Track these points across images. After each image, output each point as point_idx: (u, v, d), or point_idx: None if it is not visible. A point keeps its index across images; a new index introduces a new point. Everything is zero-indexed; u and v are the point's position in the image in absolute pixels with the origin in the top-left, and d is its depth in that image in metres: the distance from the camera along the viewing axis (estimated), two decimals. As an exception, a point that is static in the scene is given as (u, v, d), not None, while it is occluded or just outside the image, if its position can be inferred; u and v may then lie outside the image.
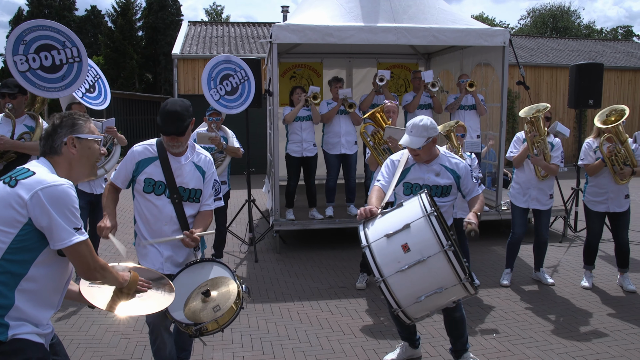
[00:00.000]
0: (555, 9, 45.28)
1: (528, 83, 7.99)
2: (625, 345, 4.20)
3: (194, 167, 3.20)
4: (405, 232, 2.76)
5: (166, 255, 3.16)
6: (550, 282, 5.64)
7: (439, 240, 2.69)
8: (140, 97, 20.56)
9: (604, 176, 5.25)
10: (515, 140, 5.59)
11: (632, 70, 17.99)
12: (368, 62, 10.10)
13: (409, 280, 2.70)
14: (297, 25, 6.84)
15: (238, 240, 7.28)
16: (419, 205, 2.86)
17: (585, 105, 7.51)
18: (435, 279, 2.71)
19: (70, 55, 4.83)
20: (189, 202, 3.18)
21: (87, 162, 2.35)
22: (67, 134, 2.29)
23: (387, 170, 3.65)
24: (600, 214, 5.39)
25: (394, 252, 2.73)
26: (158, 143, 3.16)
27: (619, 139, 5.12)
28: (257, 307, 5.03)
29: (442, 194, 3.62)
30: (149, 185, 3.10)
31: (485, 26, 7.53)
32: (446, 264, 2.69)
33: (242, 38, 18.57)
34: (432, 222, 2.74)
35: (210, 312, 2.76)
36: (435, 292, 2.72)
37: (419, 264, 2.68)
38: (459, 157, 3.76)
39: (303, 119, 7.15)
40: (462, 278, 2.71)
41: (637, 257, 6.60)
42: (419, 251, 2.70)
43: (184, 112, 3.01)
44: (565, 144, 18.20)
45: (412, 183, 3.62)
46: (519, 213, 5.57)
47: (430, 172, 3.61)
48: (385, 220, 2.91)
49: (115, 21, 32.86)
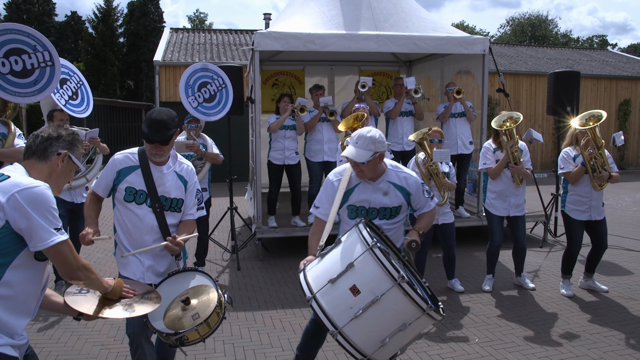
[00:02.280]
0: (534, 18, 46.10)
1: (508, 90, 8.09)
2: (604, 347, 4.26)
3: (176, 177, 3.18)
4: (350, 273, 2.46)
5: (147, 264, 3.12)
6: (531, 286, 5.70)
7: (389, 274, 2.38)
8: (122, 104, 20.37)
9: (585, 184, 5.25)
10: (485, 151, 5.58)
11: (607, 79, 18.37)
12: (350, 70, 10.16)
13: (368, 324, 2.41)
14: (279, 33, 6.85)
15: (220, 248, 7.24)
16: (359, 239, 2.55)
17: (564, 112, 7.64)
18: (396, 316, 2.42)
19: (42, 59, 4.76)
20: (171, 211, 3.15)
21: (61, 181, 2.36)
22: (64, 148, 2.32)
23: (326, 195, 3.25)
24: (582, 223, 5.38)
25: (344, 298, 2.43)
26: (140, 152, 3.13)
27: (596, 144, 5.19)
28: (239, 315, 5.00)
29: (391, 216, 3.22)
30: (130, 194, 3.07)
31: (465, 34, 7.63)
32: (403, 298, 2.38)
33: (224, 45, 18.54)
34: (376, 255, 2.43)
35: (190, 320, 2.73)
36: (399, 330, 2.42)
37: (374, 304, 2.38)
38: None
39: (287, 127, 7.16)
40: (425, 308, 2.40)
41: (612, 261, 6.72)
42: (371, 291, 2.40)
43: (169, 121, 3.00)
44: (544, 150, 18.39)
45: (357, 206, 3.20)
46: (497, 221, 5.61)
47: (377, 191, 3.17)
48: (326, 263, 2.61)
49: (96, 27, 32.52)
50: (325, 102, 7.10)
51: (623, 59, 22.32)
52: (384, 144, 3.08)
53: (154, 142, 2.99)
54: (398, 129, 7.59)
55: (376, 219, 3.17)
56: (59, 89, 5.41)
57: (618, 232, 8.31)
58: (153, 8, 33.54)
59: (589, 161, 5.16)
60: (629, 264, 6.57)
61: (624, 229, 8.61)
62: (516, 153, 5.34)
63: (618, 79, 18.51)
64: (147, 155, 3.10)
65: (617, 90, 18.35)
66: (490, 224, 5.67)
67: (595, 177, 5.20)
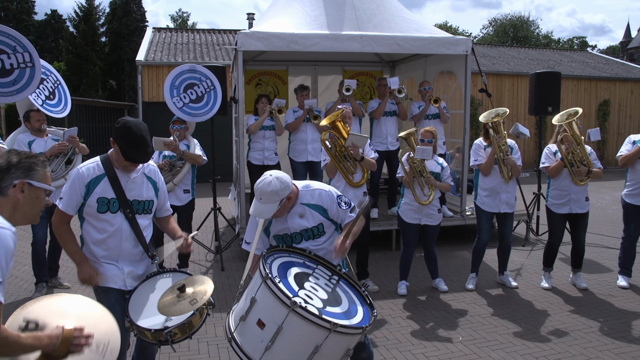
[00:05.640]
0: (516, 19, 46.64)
1: (490, 90, 8.16)
2: (584, 344, 4.33)
3: (145, 178, 3.10)
4: (255, 308, 2.48)
5: (127, 270, 3.04)
6: (513, 285, 5.77)
7: (282, 302, 2.38)
8: (104, 105, 20.12)
9: (565, 177, 5.42)
10: (476, 148, 5.63)
11: (587, 79, 18.67)
12: (333, 70, 10.16)
13: (281, 354, 2.41)
14: (263, 33, 6.84)
15: (204, 249, 7.19)
16: (258, 273, 2.57)
17: (545, 112, 7.74)
18: (303, 341, 2.40)
19: (22, 60, 4.70)
20: (143, 214, 3.08)
21: (31, 210, 2.14)
22: (19, 177, 2.08)
23: (251, 228, 3.24)
24: (563, 217, 5.54)
25: (254, 332, 2.45)
26: (104, 160, 2.99)
27: (575, 140, 5.34)
28: (223, 316, 4.96)
29: (315, 236, 3.11)
30: (103, 204, 2.94)
31: (448, 35, 7.68)
32: (302, 322, 2.37)
33: (207, 45, 18.43)
34: (269, 286, 2.43)
35: (187, 305, 2.65)
36: (314, 353, 2.39)
37: (279, 334, 2.39)
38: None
39: (267, 128, 7.14)
40: (330, 327, 2.36)
41: (591, 258, 6.82)
42: (273, 321, 2.40)
43: (148, 137, 2.93)
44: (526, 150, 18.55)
45: (281, 235, 3.13)
46: (487, 219, 5.67)
47: (292, 217, 3.08)
48: (241, 301, 2.64)
49: (77, 26, 32.13)
50: (310, 105, 7.11)
51: (602, 60, 22.70)
52: (289, 186, 2.94)
53: (139, 162, 2.95)
54: (382, 129, 7.61)
55: (302, 242, 3.10)
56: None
57: (598, 231, 8.44)
58: (135, 7, 33.27)
59: (567, 156, 5.34)
60: (608, 261, 6.67)
61: (603, 227, 8.75)
62: (504, 147, 5.41)
63: (598, 79, 18.83)
64: (113, 163, 2.98)
65: (597, 90, 18.65)
66: (479, 221, 5.72)
67: (574, 172, 5.32)
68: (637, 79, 19.48)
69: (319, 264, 2.91)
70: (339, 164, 5.31)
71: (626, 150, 5.58)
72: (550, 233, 5.71)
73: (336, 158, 5.32)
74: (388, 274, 6.24)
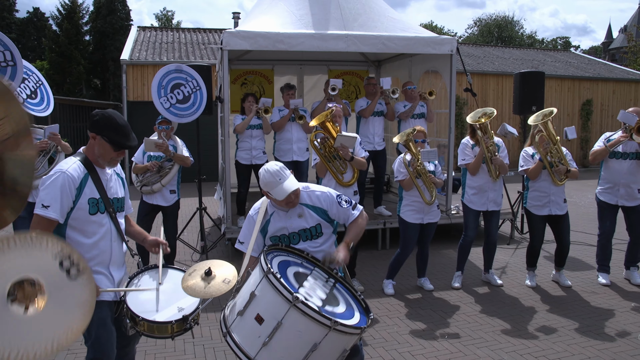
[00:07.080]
0: (500, 19, 47.05)
1: (475, 90, 8.22)
2: (568, 340, 4.38)
3: (116, 176, 3.06)
4: (254, 303, 2.48)
5: (118, 278, 2.98)
6: (499, 283, 5.82)
7: (283, 297, 2.38)
8: (88, 104, 19.90)
9: (544, 179, 5.47)
10: (463, 147, 5.65)
11: (570, 79, 18.89)
12: (319, 69, 10.16)
13: (278, 350, 2.41)
14: (248, 32, 6.81)
15: (189, 249, 7.15)
16: (259, 268, 2.58)
17: (529, 111, 7.80)
18: (302, 337, 2.39)
19: (3, 58, 4.64)
20: (120, 212, 3.04)
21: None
22: None
23: (249, 230, 3.23)
24: (542, 218, 5.59)
25: (251, 327, 2.45)
26: (83, 159, 2.88)
27: (551, 139, 5.40)
28: (209, 316, 4.94)
29: (313, 237, 3.13)
30: (93, 205, 2.83)
31: (433, 34, 7.71)
32: (302, 318, 2.37)
33: (193, 44, 18.32)
34: (271, 281, 2.44)
35: (223, 285, 2.64)
36: (312, 351, 2.39)
37: (278, 330, 2.38)
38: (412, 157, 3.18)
39: (254, 127, 7.11)
40: (330, 325, 2.37)
41: (575, 256, 6.91)
42: (273, 316, 2.40)
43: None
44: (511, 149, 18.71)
45: (279, 235, 3.15)
46: (474, 216, 5.70)
47: (291, 217, 3.12)
48: (238, 296, 2.63)
49: (61, 24, 31.68)
50: (296, 105, 7.09)
51: (585, 60, 22.99)
52: (282, 164, 3.12)
53: (132, 147, 2.92)
54: (369, 129, 7.60)
55: (299, 242, 3.11)
56: None
57: (581, 229, 8.55)
58: (120, 6, 32.94)
59: (546, 156, 5.38)
60: (591, 259, 6.75)
61: (586, 225, 8.86)
62: (491, 147, 5.45)
63: (581, 79, 19.05)
64: (94, 161, 2.89)
65: (580, 90, 18.87)
66: (466, 219, 5.75)
67: (554, 171, 5.38)
68: (619, 79, 19.78)
69: (316, 266, 2.92)
70: (328, 164, 5.30)
71: (597, 147, 5.69)
72: (531, 235, 5.75)
73: (326, 158, 5.31)
74: (374, 273, 6.26)
